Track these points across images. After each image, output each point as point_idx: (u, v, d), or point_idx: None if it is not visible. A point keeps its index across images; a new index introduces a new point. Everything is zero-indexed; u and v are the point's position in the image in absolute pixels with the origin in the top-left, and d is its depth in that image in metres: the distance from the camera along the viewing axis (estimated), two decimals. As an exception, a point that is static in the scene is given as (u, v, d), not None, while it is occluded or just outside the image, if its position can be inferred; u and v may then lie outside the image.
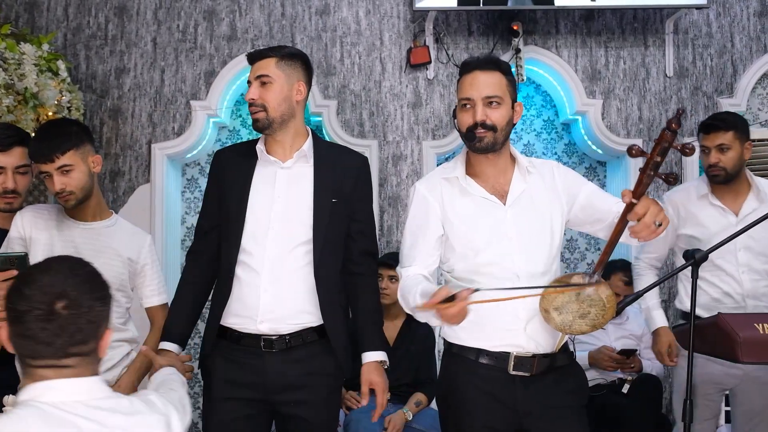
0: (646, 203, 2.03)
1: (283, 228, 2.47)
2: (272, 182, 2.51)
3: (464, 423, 2.34)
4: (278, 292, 2.44)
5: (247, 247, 2.46)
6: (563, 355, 2.37)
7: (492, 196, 2.34)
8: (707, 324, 2.74)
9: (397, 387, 3.96)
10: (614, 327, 4.25)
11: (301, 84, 2.52)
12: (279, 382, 2.43)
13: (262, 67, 2.48)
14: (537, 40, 4.53)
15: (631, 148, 2.06)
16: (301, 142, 2.55)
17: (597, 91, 4.55)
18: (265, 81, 2.46)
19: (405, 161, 4.47)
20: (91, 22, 4.47)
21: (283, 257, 2.45)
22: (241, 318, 2.47)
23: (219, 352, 2.50)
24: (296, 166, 2.52)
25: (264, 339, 2.44)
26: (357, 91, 4.49)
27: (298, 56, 2.54)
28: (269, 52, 2.50)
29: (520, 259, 2.30)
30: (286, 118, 2.49)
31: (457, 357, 2.38)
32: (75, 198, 2.55)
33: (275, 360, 2.43)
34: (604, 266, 2.21)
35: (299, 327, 2.46)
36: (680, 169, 4.53)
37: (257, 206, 2.48)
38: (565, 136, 4.79)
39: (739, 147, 3.12)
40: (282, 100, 2.47)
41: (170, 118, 4.45)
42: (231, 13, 4.49)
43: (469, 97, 2.30)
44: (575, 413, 2.34)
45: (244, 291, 2.46)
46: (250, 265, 2.46)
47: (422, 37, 4.48)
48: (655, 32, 4.56)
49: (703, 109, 4.56)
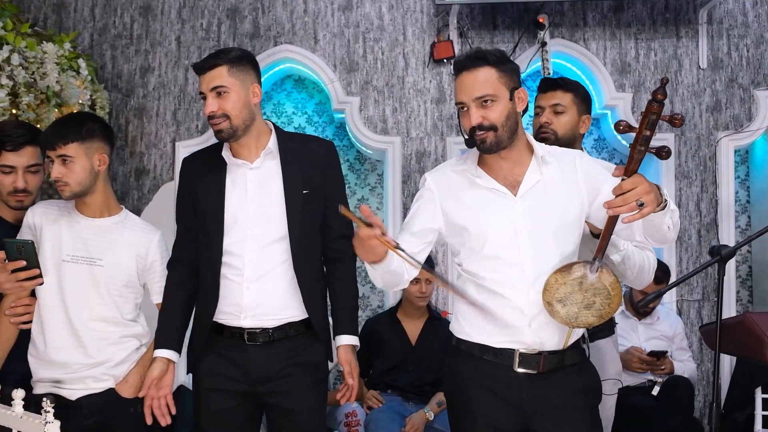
0: (634, 180, 1.92)
1: (259, 227, 2.50)
2: (244, 184, 2.53)
3: (469, 422, 2.28)
4: (260, 290, 2.49)
5: (229, 249, 2.51)
6: (573, 352, 2.28)
7: (503, 187, 2.26)
8: (734, 323, 2.64)
9: (418, 386, 3.91)
10: (644, 327, 4.14)
11: (255, 86, 2.52)
12: (263, 374, 2.48)
13: (214, 77, 2.44)
14: (564, 32, 4.42)
15: (618, 123, 1.97)
16: (266, 140, 2.56)
17: (627, 84, 4.42)
18: (221, 91, 2.44)
19: (428, 158, 4.40)
20: (116, 22, 4.51)
21: (261, 255, 2.49)
22: (225, 314, 2.52)
23: (206, 345, 2.55)
24: (264, 164, 2.54)
25: (248, 332, 2.49)
26: (380, 87, 4.45)
27: (245, 58, 2.51)
28: (218, 61, 2.45)
29: (528, 252, 2.21)
30: (248, 122, 2.50)
31: (462, 354, 2.32)
32: (69, 190, 2.55)
33: (259, 352, 2.48)
34: (603, 252, 2.11)
35: (283, 321, 2.51)
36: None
37: (233, 210, 2.51)
38: (595, 131, 4.67)
39: (576, 114, 2.84)
40: (242, 107, 2.47)
41: (194, 116, 4.47)
42: (254, 10, 4.49)
43: (461, 101, 2.22)
44: (585, 413, 2.25)
45: (229, 290, 2.51)
46: (234, 265, 2.50)
47: (446, 31, 4.41)
48: (687, 23, 4.42)
49: (738, 101, 4.40)
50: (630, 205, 1.92)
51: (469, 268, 2.29)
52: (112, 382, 2.61)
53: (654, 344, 4.08)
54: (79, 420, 2.54)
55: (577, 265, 2.15)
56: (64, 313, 2.56)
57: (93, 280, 2.59)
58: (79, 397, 2.57)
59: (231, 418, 2.51)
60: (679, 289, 4.38)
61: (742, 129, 4.37)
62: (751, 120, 4.39)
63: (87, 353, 2.58)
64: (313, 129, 4.72)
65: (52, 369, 2.58)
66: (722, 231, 4.34)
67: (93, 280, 2.59)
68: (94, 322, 2.59)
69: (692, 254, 4.37)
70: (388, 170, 4.41)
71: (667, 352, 3.98)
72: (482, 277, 2.24)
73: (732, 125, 4.40)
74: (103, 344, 2.60)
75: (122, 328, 2.64)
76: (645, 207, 1.92)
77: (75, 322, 2.57)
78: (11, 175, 2.74)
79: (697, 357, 4.29)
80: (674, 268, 4.28)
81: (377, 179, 4.71)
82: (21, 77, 3.38)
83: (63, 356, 2.57)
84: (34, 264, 2.46)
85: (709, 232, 4.38)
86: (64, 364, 2.57)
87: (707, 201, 4.40)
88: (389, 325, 4.02)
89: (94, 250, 2.61)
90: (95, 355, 2.58)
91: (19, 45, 3.40)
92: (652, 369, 3.95)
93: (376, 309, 4.63)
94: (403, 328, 4.01)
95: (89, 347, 2.58)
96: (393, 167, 4.40)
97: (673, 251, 4.35)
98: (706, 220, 4.39)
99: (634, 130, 1.94)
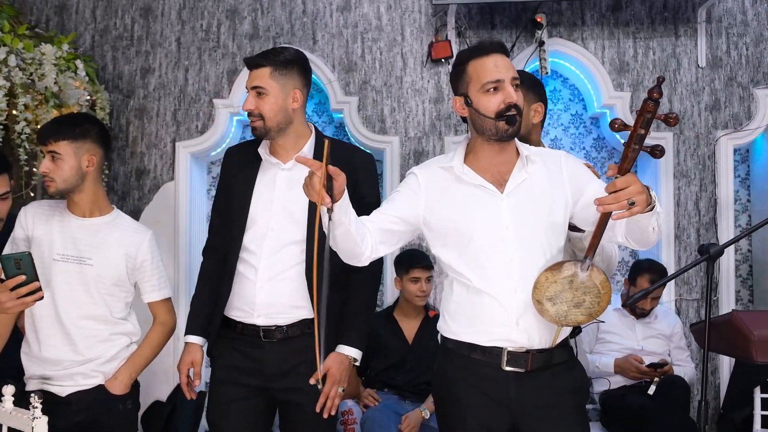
0: (626, 179, 1.92)
1: (280, 228, 2.52)
2: (272, 184, 2.56)
3: (457, 421, 2.28)
4: (273, 289, 2.51)
5: (248, 246, 2.54)
6: (561, 350, 2.28)
7: (489, 184, 2.26)
8: (722, 321, 2.63)
9: (415, 385, 3.92)
10: (642, 326, 4.12)
11: (297, 92, 2.53)
12: (277, 370, 2.50)
13: (257, 77, 2.51)
14: (562, 32, 4.42)
15: (613, 121, 1.97)
16: (303, 143, 2.58)
17: (625, 83, 4.41)
18: (260, 92, 2.49)
19: (427, 157, 4.40)
20: (117, 24, 4.54)
21: (277, 255, 2.52)
22: (240, 311, 2.56)
23: (223, 340, 2.59)
24: (297, 167, 2.50)
25: (263, 329, 2.52)
26: (378, 87, 4.46)
27: (293, 62, 2.54)
28: (264, 62, 2.51)
29: (516, 249, 2.21)
30: (283, 126, 2.53)
31: (451, 353, 2.31)
32: (55, 186, 2.60)
33: (274, 349, 2.51)
34: (594, 250, 2.12)
35: (296, 319, 2.53)
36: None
37: (258, 208, 2.55)
38: (594, 130, 4.66)
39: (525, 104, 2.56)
40: (278, 110, 2.50)
41: (194, 116, 4.50)
42: (253, 11, 4.51)
43: (500, 78, 2.20)
44: (573, 413, 2.25)
45: (243, 287, 2.55)
46: (250, 263, 2.54)
47: (444, 31, 4.42)
48: (686, 21, 4.40)
49: (738, 100, 4.38)
50: (621, 204, 1.92)
51: (454, 266, 2.28)
52: (102, 379, 2.64)
53: (652, 343, 4.06)
54: (69, 416, 2.58)
55: (567, 264, 2.15)
56: (54, 311, 2.60)
57: (82, 279, 2.62)
58: (69, 394, 2.61)
59: (238, 410, 2.54)
60: (678, 289, 4.37)
61: (742, 128, 4.35)
62: (751, 119, 4.36)
63: (77, 350, 2.61)
64: (313, 129, 4.73)
65: (42, 366, 2.62)
66: (721, 230, 4.32)
67: (82, 279, 2.62)
68: (83, 320, 2.62)
69: (690, 253, 4.35)
70: (387, 170, 4.43)
71: (668, 363, 3.94)
72: (468, 275, 2.24)
73: (731, 124, 4.38)
74: (92, 341, 2.63)
75: (112, 326, 2.68)
76: (635, 206, 1.92)
77: (65, 320, 2.60)
78: None
79: (696, 357, 4.27)
80: (673, 268, 4.26)
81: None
82: (18, 78, 3.41)
83: (53, 353, 2.60)
84: (33, 277, 2.38)
85: (708, 231, 4.36)
86: (54, 361, 2.60)
87: (706, 200, 4.38)
88: (386, 325, 4.04)
89: (84, 249, 2.64)
90: (85, 352, 2.62)
91: (17, 46, 3.43)
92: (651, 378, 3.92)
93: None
94: (400, 328, 4.02)
95: (79, 344, 2.61)
96: (391, 167, 4.41)
97: (672, 250, 4.33)
98: (705, 219, 4.37)
99: (629, 128, 1.94)
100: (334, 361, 2.50)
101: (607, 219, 2.04)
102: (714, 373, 4.36)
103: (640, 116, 1.90)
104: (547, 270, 2.15)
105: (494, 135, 2.23)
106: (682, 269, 2.64)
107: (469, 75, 2.26)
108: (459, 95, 2.29)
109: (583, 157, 4.61)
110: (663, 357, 4.00)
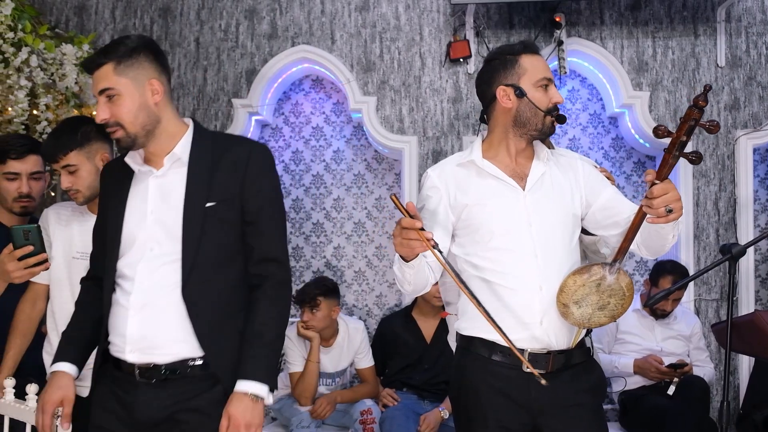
0: (664, 186, 1.93)
1: (156, 245, 2.10)
2: (144, 196, 2.15)
3: (477, 422, 2.26)
4: (147, 318, 2.07)
5: (122, 271, 2.13)
6: (580, 351, 2.27)
7: (510, 179, 2.26)
8: (744, 321, 2.61)
9: (434, 384, 3.92)
10: (662, 327, 4.10)
11: (154, 81, 2.12)
12: (149, 418, 2.06)
13: (101, 78, 2.09)
14: (581, 31, 4.41)
15: (657, 128, 1.97)
16: (175, 143, 2.16)
17: (644, 83, 4.39)
18: (110, 94, 2.09)
19: (445, 157, 4.38)
20: (136, 24, 4.57)
21: (152, 278, 2.08)
22: (114, 345, 2.13)
23: (103, 378, 2.17)
24: (170, 172, 2.15)
25: (138, 368, 2.07)
26: (396, 87, 4.46)
27: (137, 50, 2.11)
28: (103, 59, 2.09)
29: (540, 245, 2.21)
30: (150, 127, 2.12)
31: (470, 353, 2.29)
32: (82, 195, 2.61)
33: (149, 392, 2.06)
34: (625, 254, 2.11)
35: (175, 358, 2.07)
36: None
37: (131, 225, 2.13)
38: (613, 130, 4.65)
39: None
40: (137, 110, 2.09)
41: (212, 116, 4.52)
42: (272, 11, 4.53)
43: (548, 77, 2.28)
44: (591, 412, 2.24)
45: (117, 316, 2.12)
46: (125, 289, 2.12)
47: (462, 31, 4.42)
48: (705, 21, 4.38)
49: (757, 99, 4.35)
50: (658, 211, 1.94)
51: (475, 262, 2.26)
52: None
53: (671, 344, 4.04)
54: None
55: (596, 267, 2.14)
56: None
57: None
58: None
59: None
60: (697, 289, 4.35)
61: (761, 127, 4.32)
62: (770, 118, 4.35)
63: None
64: (331, 128, 4.75)
65: None
66: (740, 230, 4.30)
67: None
68: None
69: (710, 253, 4.33)
70: (405, 170, 4.43)
71: (687, 364, 3.93)
72: (491, 270, 2.22)
73: (751, 123, 4.36)
74: None
75: None
76: (672, 214, 1.94)
77: None
78: (16, 182, 2.91)
79: (715, 357, 4.25)
80: (692, 268, 4.24)
81: (395, 178, 4.73)
82: (39, 78, 3.44)
83: None
84: (40, 249, 2.38)
85: (728, 231, 4.34)
86: None
87: (725, 200, 4.36)
88: (404, 324, 4.05)
89: None
90: None
91: (38, 47, 3.46)
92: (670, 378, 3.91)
93: (393, 308, 4.64)
94: (418, 327, 4.03)
95: None
96: (410, 167, 4.41)
97: (691, 251, 4.31)
98: (724, 219, 4.35)
99: (672, 135, 1.94)
100: (233, 406, 2.01)
101: (641, 223, 2.05)
102: (733, 373, 4.34)
103: (684, 123, 1.89)
104: (575, 273, 2.15)
105: (538, 130, 2.26)
106: (704, 269, 2.63)
107: (523, 67, 2.26)
108: (504, 86, 2.27)
109: (602, 157, 4.60)
110: (682, 357, 3.99)
